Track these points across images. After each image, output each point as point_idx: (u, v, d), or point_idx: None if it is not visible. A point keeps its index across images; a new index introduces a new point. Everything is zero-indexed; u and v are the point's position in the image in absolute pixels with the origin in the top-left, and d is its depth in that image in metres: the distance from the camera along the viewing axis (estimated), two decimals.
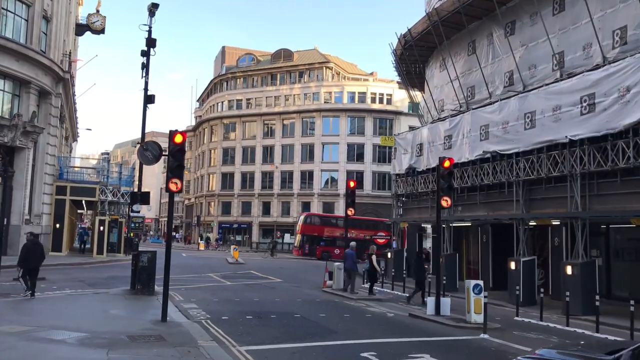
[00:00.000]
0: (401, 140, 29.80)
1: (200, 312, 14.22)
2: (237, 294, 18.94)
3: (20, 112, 30.39)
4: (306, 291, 21.42)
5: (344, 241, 49.78)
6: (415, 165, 27.79)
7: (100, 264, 31.65)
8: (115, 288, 18.50)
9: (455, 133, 24.21)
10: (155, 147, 12.44)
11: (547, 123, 18.92)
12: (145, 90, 18.16)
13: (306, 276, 30.08)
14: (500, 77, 23.16)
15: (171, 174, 11.96)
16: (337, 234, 51.14)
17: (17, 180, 30.90)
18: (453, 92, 25.90)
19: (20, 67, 30.20)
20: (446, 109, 27.14)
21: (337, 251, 49.83)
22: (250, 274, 29.30)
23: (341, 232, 50.64)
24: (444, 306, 14.86)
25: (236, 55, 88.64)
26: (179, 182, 11.95)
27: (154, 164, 12.40)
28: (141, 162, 13.04)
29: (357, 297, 19.24)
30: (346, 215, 21.12)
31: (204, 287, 21.12)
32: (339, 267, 21.60)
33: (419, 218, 28.24)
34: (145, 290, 16.78)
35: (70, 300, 15.13)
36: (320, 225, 53.60)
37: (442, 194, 14.70)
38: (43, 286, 18.27)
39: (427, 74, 29.58)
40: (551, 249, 21.38)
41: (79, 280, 21.29)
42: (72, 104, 44.05)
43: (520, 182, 20.38)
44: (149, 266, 16.85)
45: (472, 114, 23.28)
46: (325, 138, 72.03)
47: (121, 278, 22.83)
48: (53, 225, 34.00)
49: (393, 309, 16.91)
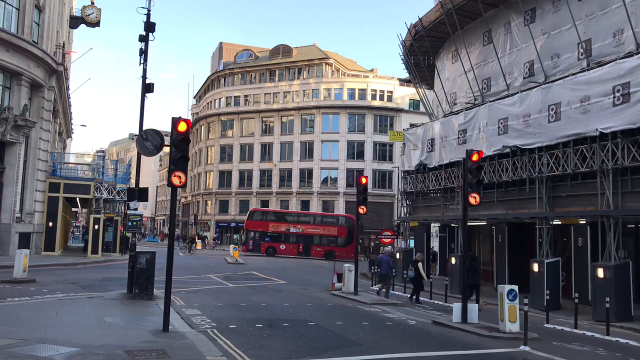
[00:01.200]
0: (410, 136, 28.51)
1: (204, 320, 12.91)
2: (242, 298, 17.63)
3: (11, 105, 28.99)
4: (315, 294, 20.13)
5: (291, 236, 50.79)
6: (426, 162, 26.52)
7: (95, 264, 30.31)
8: (110, 291, 17.17)
9: (471, 127, 22.96)
10: (156, 137, 11.11)
11: (574, 115, 17.68)
12: (143, 78, 16.82)
13: (310, 277, 28.83)
14: (519, 68, 21.91)
15: (174, 167, 10.66)
16: (282, 229, 50.20)
17: (8, 176, 29.50)
18: (467, 84, 24.66)
19: (11, 58, 28.78)
20: (459, 102, 25.87)
21: (283, 247, 49.37)
22: (252, 275, 28.01)
23: (287, 227, 50.50)
24: (471, 313, 13.59)
25: (234, 52, 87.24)
26: (182, 176, 10.65)
27: (155, 154, 11.08)
28: (140, 153, 11.65)
29: (371, 301, 17.97)
30: (358, 215, 19.78)
31: (206, 290, 19.80)
32: (349, 269, 20.31)
33: (430, 217, 26.98)
34: (143, 294, 15.46)
35: (62, 306, 13.78)
36: (265, 220, 52.35)
37: (470, 190, 13.44)
38: (33, 289, 16.97)
39: (438, 66, 28.29)
40: (574, 249, 20.13)
41: (71, 282, 19.94)
42: (66, 98, 42.59)
43: (543, 179, 19.13)
44: (147, 268, 15.51)
45: (489, 107, 22.02)
46: (324, 135, 70.73)
47: (117, 280, 21.54)
48: (46, 223, 32.61)
49: (412, 315, 15.62)
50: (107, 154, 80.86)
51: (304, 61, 77.24)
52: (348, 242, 48.22)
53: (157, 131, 11.10)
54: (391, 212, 68.05)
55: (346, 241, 48.66)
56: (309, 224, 50.81)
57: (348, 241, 48.25)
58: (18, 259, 18.94)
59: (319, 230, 49.88)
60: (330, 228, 49.78)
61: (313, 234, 49.52)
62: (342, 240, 49.04)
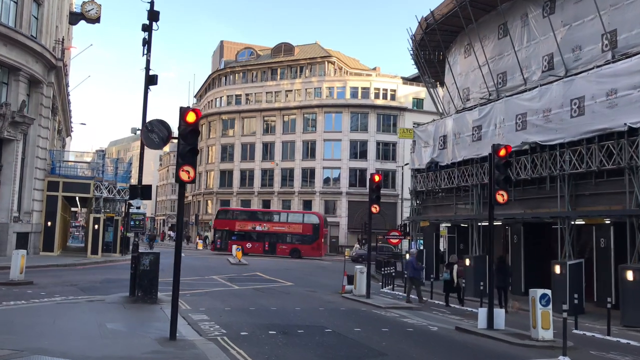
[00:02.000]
0: (421, 133, 27.63)
1: (213, 326, 12.03)
2: (250, 301, 16.76)
3: (9, 101, 28.10)
4: (325, 297, 19.25)
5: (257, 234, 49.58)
6: (438, 160, 25.65)
7: (95, 265, 29.44)
8: (112, 294, 16.28)
9: (486, 123, 22.09)
10: (162, 128, 10.23)
11: (600, 109, 16.81)
12: (146, 69, 15.93)
13: (317, 279, 28.01)
14: (537, 61, 21.04)
15: (182, 160, 9.77)
16: (249, 227, 49.82)
17: (5, 174, 28.61)
18: (480, 79, 23.84)
19: (9, 53, 27.90)
20: (472, 97, 25.01)
21: (249, 245, 48.48)
22: (257, 277, 27.15)
23: (253, 225, 50.06)
24: (497, 318, 12.70)
25: (235, 50, 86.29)
26: (191, 171, 9.76)
27: (162, 147, 10.22)
28: (146, 145, 10.76)
29: (385, 305, 17.09)
30: (370, 214, 18.89)
31: (211, 293, 18.93)
32: (360, 271, 19.43)
33: (442, 216, 26.12)
34: (146, 297, 14.57)
35: (60, 310, 12.89)
36: (231, 219, 51.81)
37: (498, 187, 12.54)
38: (30, 292, 16.09)
39: (450, 61, 27.37)
40: (596, 250, 19.25)
41: (71, 284, 19.05)
42: (65, 95, 41.68)
43: (565, 176, 18.27)
44: (151, 270, 14.63)
45: (505, 102, 21.16)
46: (327, 134, 69.81)
47: (118, 282, 20.67)
48: (44, 223, 31.72)
49: (431, 320, 14.74)
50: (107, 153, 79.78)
51: (306, 59, 76.33)
52: (313, 239, 47.91)
53: (164, 122, 10.23)
54: (395, 212, 67.23)
55: (312, 239, 48.21)
56: (275, 222, 50.71)
57: (313, 239, 47.93)
58: (15, 260, 18.07)
59: (284, 228, 49.56)
60: (296, 226, 49.33)
61: (279, 232, 49.18)
62: (307, 238, 48.42)
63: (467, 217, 23.43)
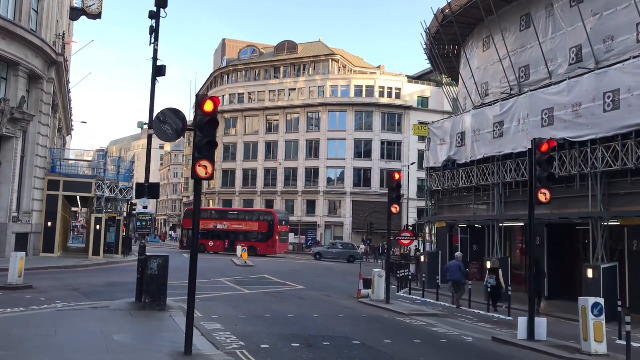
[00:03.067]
0: (437, 130, 26.54)
1: (230, 337, 10.99)
2: (265, 308, 15.70)
3: (7, 97, 27.04)
4: (341, 302, 18.20)
5: (219, 233, 48.90)
6: (456, 158, 24.57)
7: (97, 266, 28.41)
8: (117, 300, 15.22)
9: (508, 119, 21.02)
10: (175, 119, 9.18)
11: (637, 103, 15.75)
12: (154, 59, 14.87)
13: (327, 281, 27.00)
14: (563, 54, 19.97)
15: (199, 155, 8.74)
16: (211, 226, 49.73)
17: (4, 173, 27.54)
18: (501, 73, 22.79)
19: (8, 47, 26.84)
20: (492, 92, 23.95)
21: (212, 243, 48.93)
22: (266, 279, 26.11)
23: (214, 224, 50.10)
24: (538, 328, 11.63)
25: (237, 49, 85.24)
26: (209, 166, 8.73)
27: (175, 140, 9.18)
28: (159, 138, 9.71)
29: (408, 311, 16.02)
30: (389, 214, 17.79)
31: (221, 298, 17.87)
32: (379, 275, 18.36)
33: (460, 217, 25.03)
34: (155, 304, 13.50)
35: (62, 319, 11.84)
36: (186, 218, 52.09)
37: (540, 185, 11.48)
38: (29, 297, 15.04)
39: (468, 54, 26.25)
40: (628, 253, 18.18)
41: (73, 288, 18.00)
42: (66, 92, 40.62)
43: (598, 175, 17.21)
44: (159, 275, 13.56)
45: (530, 97, 20.10)
46: (331, 134, 68.72)
47: (122, 285, 19.66)
48: (44, 223, 30.65)
49: (462, 329, 13.66)
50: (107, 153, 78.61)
51: (310, 57, 75.21)
52: (268, 237, 48.48)
53: (177, 111, 9.19)
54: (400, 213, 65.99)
55: (267, 236, 48.70)
56: (234, 220, 50.95)
57: (268, 236, 48.51)
58: (13, 262, 17.00)
59: (242, 226, 50.00)
60: (252, 224, 49.72)
61: (237, 230, 49.51)
62: (262, 235, 48.83)
63: (487, 217, 22.37)
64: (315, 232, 67.29)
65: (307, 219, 67.92)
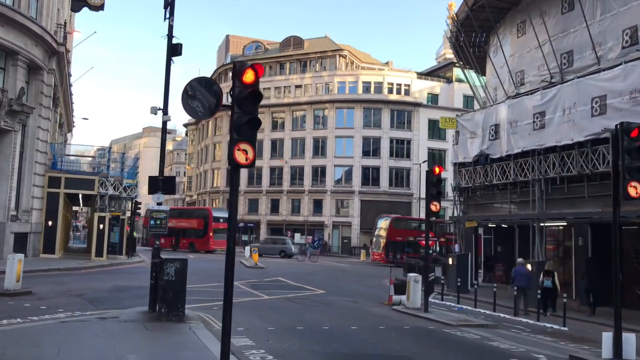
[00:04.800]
0: (466, 122, 24.75)
1: (265, 357, 9.24)
2: (293, 317, 13.98)
3: (5, 88, 25.32)
4: (373, 310, 16.46)
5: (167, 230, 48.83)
6: (489, 152, 22.80)
7: (100, 268, 26.68)
8: (126, 309, 13.49)
9: (551, 109, 19.26)
10: (206, 93, 7.42)
11: None
12: (169, 37, 13.14)
13: (345, 285, 25.39)
14: (615, 36, 18.19)
15: (238, 136, 7.02)
16: None
17: (2, 169, 25.85)
18: (539, 60, 21.06)
19: (5, 34, 25.15)
20: (529, 81, 22.17)
21: (163, 240, 47.84)
22: (281, 283, 24.41)
23: None
24: (627, 345, 9.89)
25: (241, 45, 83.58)
26: (250, 149, 7.02)
27: (208, 118, 7.44)
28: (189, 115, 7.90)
29: (454, 322, 14.25)
30: (428, 213, 15.96)
31: (241, 305, 16.05)
32: (415, 280, 16.57)
33: (493, 216, 23.26)
34: (171, 314, 11.77)
35: (66, 334, 10.11)
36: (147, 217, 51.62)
37: (630, 177, 9.72)
38: (27, 305, 13.31)
39: (500, 41, 24.34)
40: None
41: (76, 294, 16.25)
42: (67, 85, 38.85)
43: None
44: (176, 280, 11.83)
45: (577, 84, 18.34)
46: (338, 131, 67.07)
47: (129, 290, 17.96)
48: (45, 222, 28.92)
49: (526, 344, 11.87)
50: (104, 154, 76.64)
51: (316, 53, 73.41)
52: (204, 233, 49.27)
53: (210, 83, 7.45)
54: (409, 212, 64.44)
55: (203, 233, 49.52)
56: (179, 218, 51.30)
57: (204, 233, 49.31)
58: (10, 265, 15.27)
59: (184, 223, 50.98)
60: (192, 221, 50.69)
61: (181, 228, 50.18)
62: (199, 232, 49.85)
63: (527, 216, 20.58)
64: (323, 232, 65.57)
65: (314, 218, 66.25)
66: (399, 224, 49.10)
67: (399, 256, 45.92)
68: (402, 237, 47.10)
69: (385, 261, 45.97)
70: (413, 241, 46.54)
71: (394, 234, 47.09)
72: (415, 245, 46.42)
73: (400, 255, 46.24)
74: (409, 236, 47.18)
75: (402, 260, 45.78)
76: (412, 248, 46.57)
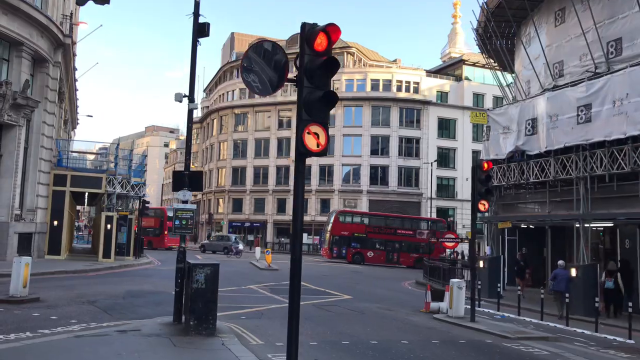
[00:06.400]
0: (498, 117, 23.32)
1: None
2: (332, 329, 12.59)
3: (10, 80, 23.93)
4: (413, 319, 15.07)
5: None
6: (526, 148, 21.38)
7: (109, 271, 25.32)
8: (145, 319, 12.13)
9: (598, 101, 17.86)
10: (264, 65, 6.03)
11: None
12: (195, 15, 11.77)
13: (369, 289, 24.14)
14: None
15: (308, 116, 5.69)
16: None
17: (6, 165, 24.48)
18: (581, 49, 19.62)
19: (10, 24, 23.80)
20: (569, 72, 20.73)
21: None
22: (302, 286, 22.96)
23: None
24: None
25: (246, 42, 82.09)
26: (322, 133, 5.76)
27: (268, 94, 6.00)
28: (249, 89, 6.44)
29: (510, 333, 12.83)
30: (475, 211, 14.54)
31: (269, 313, 14.76)
32: (458, 286, 15.17)
33: (529, 216, 21.85)
34: (201, 327, 10.37)
35: (83, 352, 8.72)
36: None
37: None
38: (36, 315, 11.94)
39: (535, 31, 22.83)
40: None
41: (87, 300, 14.84)
42: (73, 80, 37.48)
43: None
44: (207, 288, 10.44)
45: (629, 74, 16.95)
46: (346, 129, 65.69)
47: (144, 296, 16.63)
48: (50, 222, 27.54)
49: None
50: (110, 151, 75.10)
51: None
52: (161, 232, 50.41)
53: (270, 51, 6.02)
54: (418, 212, 63.13)
55: (159, 231, 50.50)
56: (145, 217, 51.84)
57: (161, 231, 50.40)
58: (16, 270, 13.87)
59: (144, 222, 51.34)
60: (152, 220, 50.61)
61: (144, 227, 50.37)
62: (157, 230, 50.83)
63: (570, 216, 19.18)
64: None
65: (321, 218, 64.69)
66: (345, 218, 48.10)
67: (345, 251, 45.31)
68: (348, 232, 46.11)
69: (329, 256, 44.92)
70: (360, 236, 45.52)
71: (339, 229, 46.13)
72: (362, 240, 45.55)
73: (347, 251, 45.43)
74: (356, 231, 46.14)
75: (348, 256, 44.97)
76: (359, 243, 45.69)
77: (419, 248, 45.27)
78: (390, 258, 45.78)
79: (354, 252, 45.38)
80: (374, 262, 44.87)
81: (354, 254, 45.23)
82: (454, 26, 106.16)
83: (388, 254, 45.86)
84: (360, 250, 45.52)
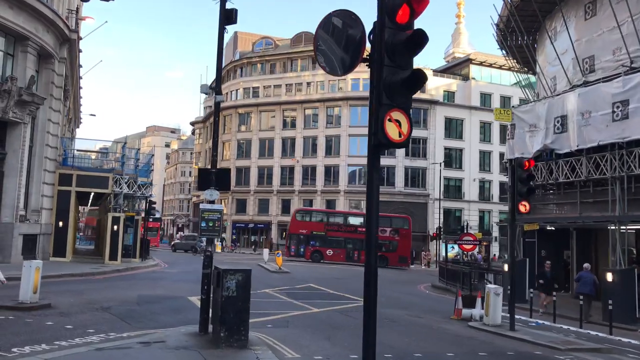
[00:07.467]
0: (524, 114, 22.44)
1: None
2: None
3: (15, 75, 23.07)
4: (447, 327, 14.21)
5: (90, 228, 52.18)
6: (555, 146, 20.53)
7: (116, 274, 24.46)
8: (168, 328, 11.24)
9: (637, 97, 17.00)
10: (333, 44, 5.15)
11: None
12: (222, 1, 10.87)
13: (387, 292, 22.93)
14: None
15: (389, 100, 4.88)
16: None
17: (10, 164, 23.60)
18: (615, 43, 18.79)
19: (15, 17, 22.98)
20: (600, 67, 19.87)
21: None
22: (316, 290, 22.30)
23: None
24: None
25: (250, 42, 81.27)
26: (404, 121, 4.99)
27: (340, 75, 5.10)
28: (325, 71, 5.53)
29: (557, 344, 11.96)
30: (514, 213, 13.67)
31: (295, 321, 13.88)
32: (495, 292, 14.29)
33: (560, 217, 20.99)
34: (232, 338, 9.49)
35: None
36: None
37: None
38: (50, 324, 11.06)
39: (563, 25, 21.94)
40: None
41: (101, 307, 13.94)
42: (77, 77, 36.63)
43: None
44: (238, 297, 9.55)
45: None
46: (352, 129, 64.80)
47: (159, 302, 15.77)
48: (55, 223, 26.65)
49: None
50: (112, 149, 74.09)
51: None
52: None
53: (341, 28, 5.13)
54: (425, 213, 62.35)
55: None
56: None
57: None
58: (27, 274, 12.98)
59: None
60: None
61: None
62: None
63: (603, 218, 18.32)
64: None
65: None
66: (303, 216, 47.80)
67: (303, 250, 44.99)
68: (306, 230, 45.70)
69: (287, 254, 44.22)
70: (319, 234, 45.20)
71: (297, 227, 45.93)
72: (321, 238, 45.07)
73: (305, 249, 44.81)
74: (315, 229, 45.75)
75: (307, 255, 44.33)
76: (318, 241, 45.18)
77: (381, 246, 44.49)
78: (351, 256, 45.20)
79: (312, 250, 44.99)
80: (333, 260, 44.42)
81: (312, 252, 44.90)
82: (458, 26, 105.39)
83: (348, 252, 45.39)
84: (318, 249, 45.08)
